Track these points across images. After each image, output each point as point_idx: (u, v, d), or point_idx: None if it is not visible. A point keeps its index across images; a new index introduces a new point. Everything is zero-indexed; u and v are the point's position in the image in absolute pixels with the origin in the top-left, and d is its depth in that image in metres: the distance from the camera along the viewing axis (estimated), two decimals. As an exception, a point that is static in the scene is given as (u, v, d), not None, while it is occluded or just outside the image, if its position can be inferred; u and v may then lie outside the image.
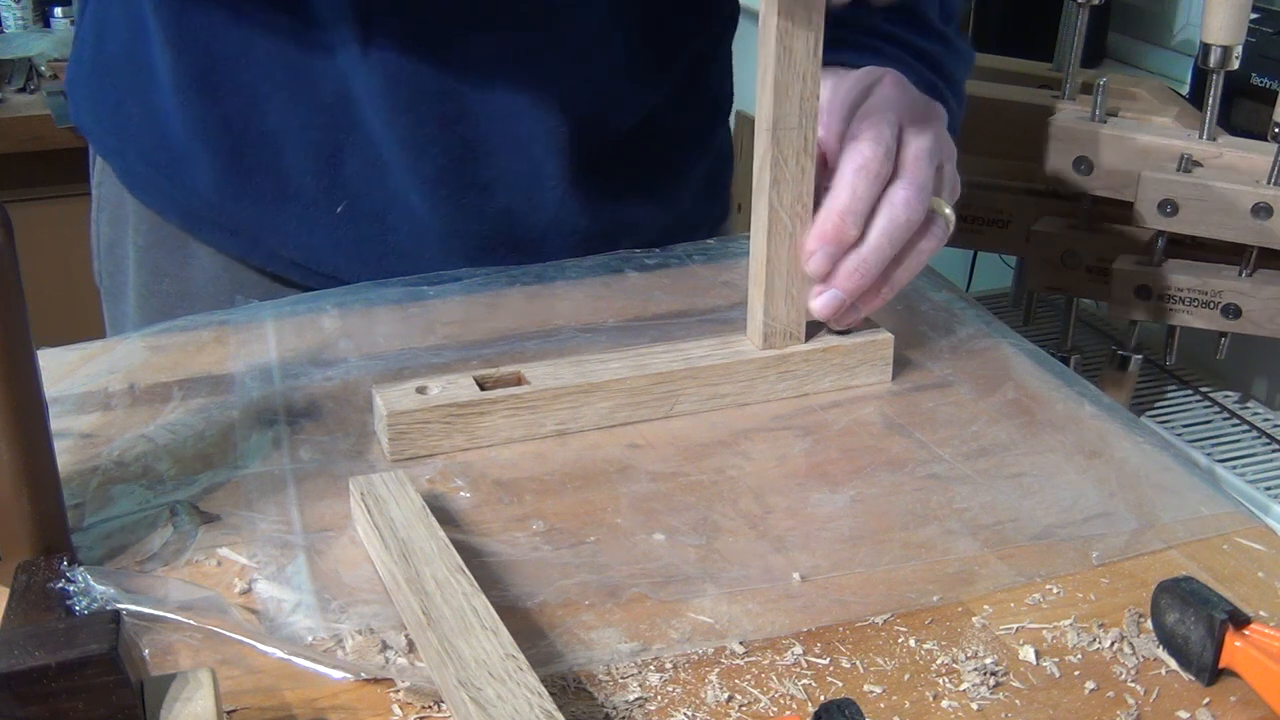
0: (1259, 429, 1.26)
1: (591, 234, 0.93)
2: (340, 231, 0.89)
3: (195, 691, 0.47)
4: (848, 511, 0.66)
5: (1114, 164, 1.17)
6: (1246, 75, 1.24)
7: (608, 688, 0.54)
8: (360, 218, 0.89)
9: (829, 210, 0.71)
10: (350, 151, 0.87)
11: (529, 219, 0.91)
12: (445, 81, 0.85)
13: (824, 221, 0.71)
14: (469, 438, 0.69)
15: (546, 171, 0.89)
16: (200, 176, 0.89)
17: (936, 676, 0.55)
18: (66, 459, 0.65)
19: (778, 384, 0.75)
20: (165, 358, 0.77)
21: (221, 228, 0.90)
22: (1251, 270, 1.14)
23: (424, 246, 0.90)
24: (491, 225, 0.90)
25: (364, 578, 0.60)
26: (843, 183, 0.71)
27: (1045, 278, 1.26)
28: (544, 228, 0.91)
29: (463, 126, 0.86)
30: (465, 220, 0.89)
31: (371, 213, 0.89)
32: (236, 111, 0.87)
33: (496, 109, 0.86)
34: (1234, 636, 0.54)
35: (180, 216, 0.91)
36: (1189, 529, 0.65)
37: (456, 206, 0.89)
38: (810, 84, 0.69)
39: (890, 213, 0.72)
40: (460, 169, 0.87)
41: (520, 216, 0.90)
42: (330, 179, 0.88)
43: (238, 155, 0.88)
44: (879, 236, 0.72)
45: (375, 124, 0.86)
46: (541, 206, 0.90)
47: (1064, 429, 0.73)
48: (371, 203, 0.89)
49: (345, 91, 0.85)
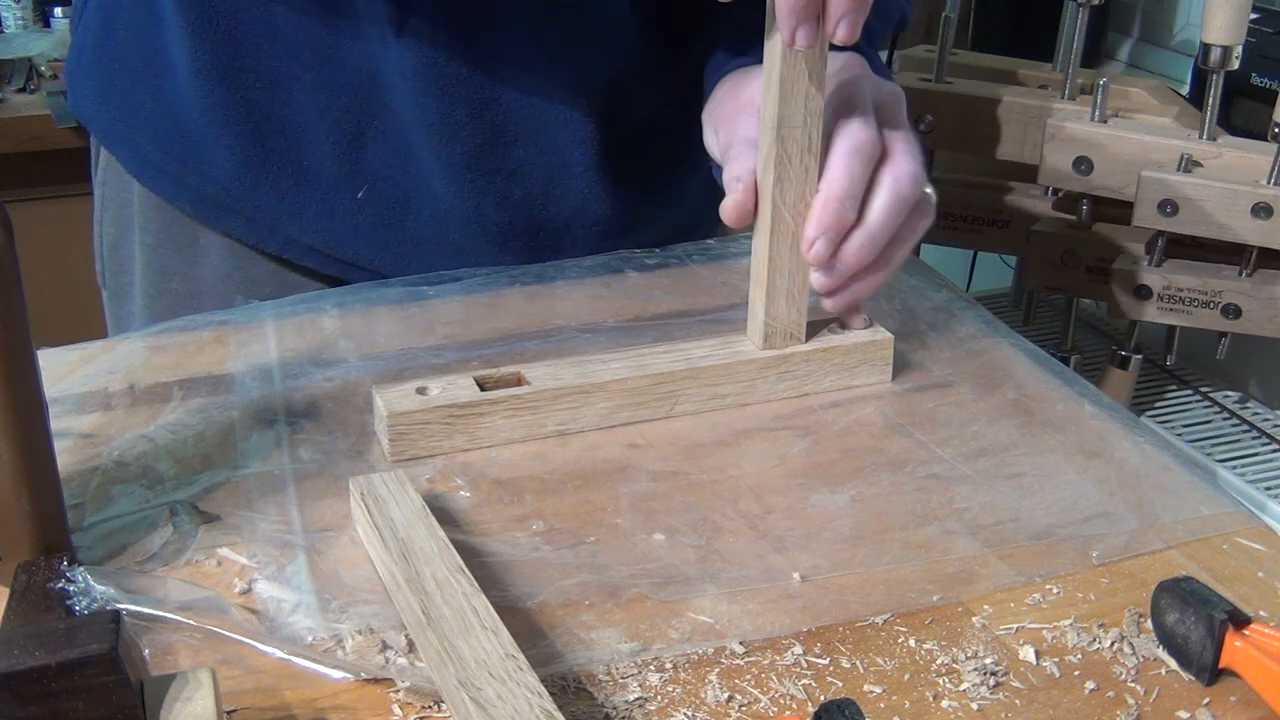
0: (1259, 429, 1.26)
1: (612, 226, 0.93)
2: (360, 216, 0.90)
3: (195, 691, 0.47)
4: (848, 511, 0.66)
5: (1114, 164, 1.17)
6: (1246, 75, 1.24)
7: (608, 688, 0.54)
8: (381, 203, 0.90)
9: (828, 196, 0.70)
10: (374, 136, 0.88)
11: (552, 208, 0.91)
12: (477, 66, 0.85)
13: (824, 208, 0.70)
14: (469, 438, 0.69)
15: (572, 159, 0.89)
16: (217, 161, 0.89)
17: (936, 676, 0.55)
18: (66, 459, 0.65)
19: (778, 384, 0.75)
20: (165, 358, 0.77)
21: (237, 214, 0.91)
22: (1251, 270, 1.14)
23: (445, 233, 0.91)
24: (514, 213, 0.90)
25: (364, 578, 0.60)
26: (839, 166, 0.70)
27: (1045, 278, 1.26)
28: (567, 217, 0.92)
29: (492, 112, 0.86)
30: (489, 207, 0.90)
31: (393, 198, 0.90)
32: (260, 95, 0.87)
33: (525, 95, 0.87)
34: (1234, 636, 0.54)
35: (194, 204, 0.91)
36: (1189, 529, 0.65)
37: (481, 192, 0.89)
38: (815, 83, 0.68)
39: (895, 189, 0.71)
40: (488, 154, 0.88)
41: (543, 205, 0.91)
42: (352, 163, 0.88)
43: (258, 139, 0.88)
44: (884, 213, 0.71)
45: (403, 108, 0.86)
46: (565, 196, 0.91)
47: (1064, 429, 0.73)
48: (393, 187, 0.89)
49: (373, 74, 0.86)
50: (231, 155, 0.88)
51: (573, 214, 0.92)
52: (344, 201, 0.89)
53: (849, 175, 0.70)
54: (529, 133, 0.88)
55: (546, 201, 0.91)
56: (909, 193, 0.72)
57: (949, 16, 1.28)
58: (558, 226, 0.92)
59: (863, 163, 0.71)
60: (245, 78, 0.86)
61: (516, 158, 0.89)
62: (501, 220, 0.90)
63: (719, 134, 0.79)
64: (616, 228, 0.93)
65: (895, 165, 0.72)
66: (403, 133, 0.87)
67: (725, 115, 0.79)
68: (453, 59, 0.84)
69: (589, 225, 0.92)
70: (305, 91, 0.86)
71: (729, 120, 0.78)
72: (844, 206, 0.70)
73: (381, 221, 0.90)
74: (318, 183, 0.89)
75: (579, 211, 0.92)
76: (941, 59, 1.28)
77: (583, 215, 0.92)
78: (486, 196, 0.89)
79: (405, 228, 0.90)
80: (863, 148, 0.70)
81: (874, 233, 0.71)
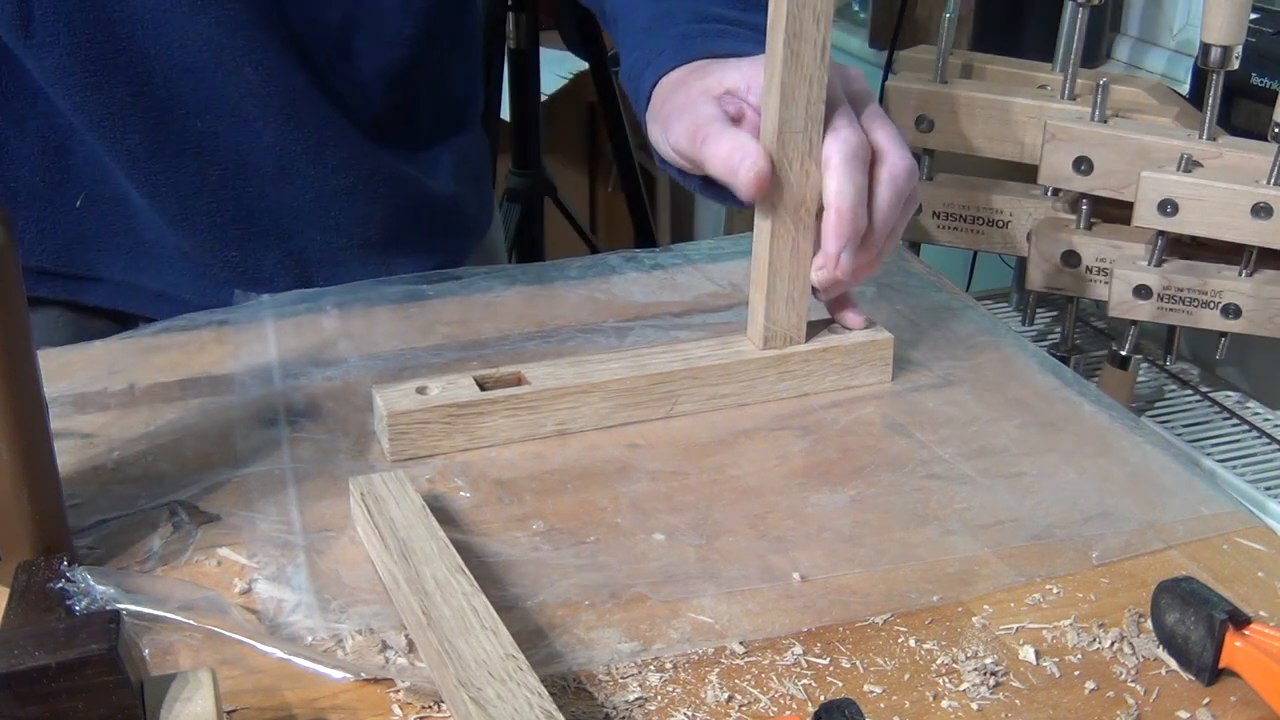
0: (1259, 429, 1.26)
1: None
2: (84, 225, 0.86)
3: (195, 691, 0.47)
4: (848, 511, 0.66)
5: (1114, 164, 1.17)
6: (1246, 75, 1.24)
7: (608, 688, 0.54)
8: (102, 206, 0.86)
9: (840, 210, 0.69)
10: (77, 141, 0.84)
11: (253, 184, 0.88)
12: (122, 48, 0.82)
13: (840, 222, 0.70)
14: (469, 438, 0.69)
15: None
16: None
17: (936, 676, 0.55)
18: (66, 459, 0.65)
19: (778, 384, 0.75)
20: (165, 358, 0.77)
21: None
22: (1251, 270, 1.14)
23: (166, 236, 0.88)
24: (213, 198, 0.87)
25: (364, 578, 0.60)
26: (843, 177, 0.70)
27: (1045, 278, 1.26)
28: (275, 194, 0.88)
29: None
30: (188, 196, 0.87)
31: (111, 199, 0.86)
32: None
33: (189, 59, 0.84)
34: (1234, 636, 0.54)
35: None
36: (1189, 529, 0.65)
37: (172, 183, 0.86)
38: (817, 88, 0.68)
39: (894, 186, 0.71)
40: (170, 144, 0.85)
41: (241, 181, 0.88)
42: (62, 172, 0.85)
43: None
44: (887, 213, 0.71)
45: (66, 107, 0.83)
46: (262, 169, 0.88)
47: (1064, 429, 0.73)
48: (109, 190, 0.86)
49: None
50: None
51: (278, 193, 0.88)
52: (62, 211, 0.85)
53: (854, 184, 0.70)
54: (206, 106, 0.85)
55: (244, 177, 0.87)
56: (905, 188, 0.72)
57: (949, 16, 1.28)
58: (270, 205, 0.88)
59: (861, 167, 0.71)
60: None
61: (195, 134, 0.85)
62: (208, 207, 0.87)
63: (674, 127, 0.74)
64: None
65: (890, 163, 0.72)
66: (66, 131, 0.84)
67: (677, 108, 0.75)
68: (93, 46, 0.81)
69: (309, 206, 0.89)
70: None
71: (684, 111, 0.74)
72: (858, 217, 0.70)
73: (108, 227, 0.87)
74: (32, 199, 0.85)
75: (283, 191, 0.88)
76: (942, 59, 1.28)
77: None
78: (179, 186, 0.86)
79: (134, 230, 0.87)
80: (858, 152, 0.70)
81: (880, 232, 0.72)
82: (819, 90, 0.69)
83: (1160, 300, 1.16)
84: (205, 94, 0.85)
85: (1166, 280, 1.16)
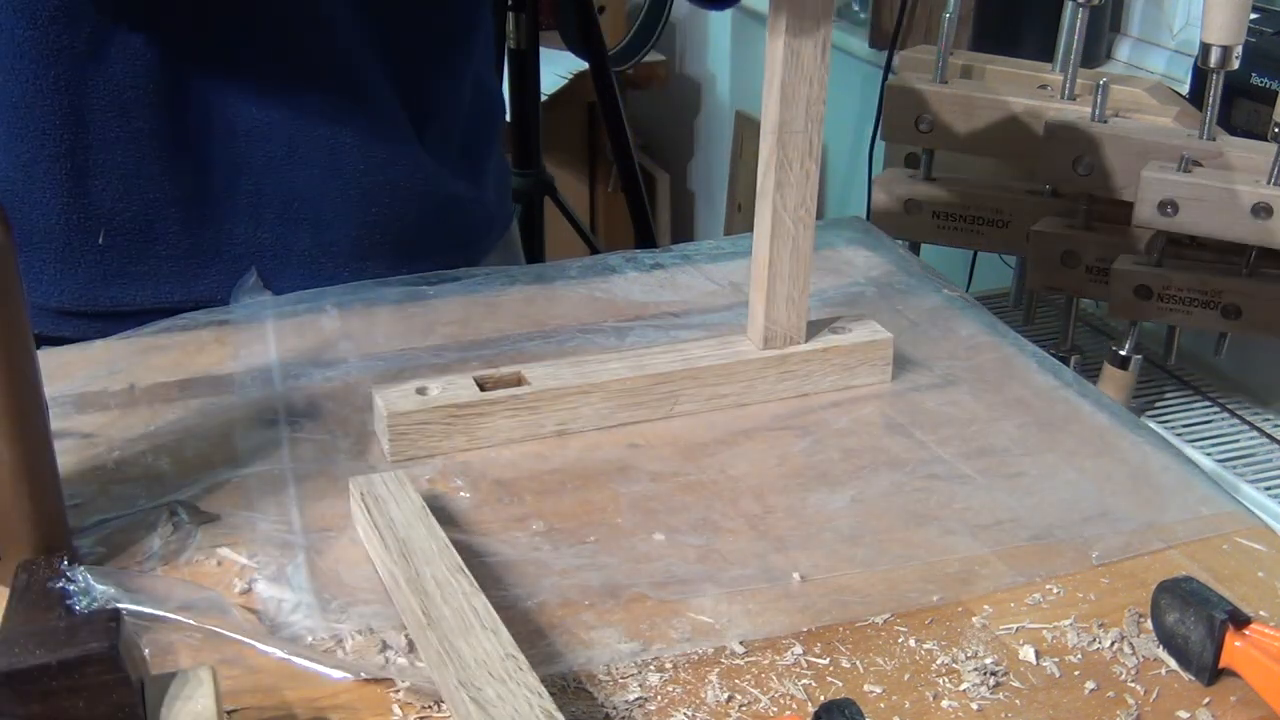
0: (1259, 429, 1.26)
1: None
2: (106, 263, 0.85)
3: (196, 690, 0.47)
4: (848, 511, 0.66)
5: (1114, 164, 1.17)
6: (1246, 75, 1.24)
7: (608, 688, 0.54)
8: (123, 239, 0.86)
9: None
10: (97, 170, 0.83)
11: (301, 171, 0.87)
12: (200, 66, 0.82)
13: None
14: (469, 438, 0.69)
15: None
16: None
17: (936, 676, 0.55)
18: (66, 459, 0.65)
19: (778, 384, 0.75)
20: (165, 358, 0.77)
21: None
22: (1251, 270, 1.14)
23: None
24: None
25: (364, 578, 0.60)
26: None
27: (1045, 278, 1.26)
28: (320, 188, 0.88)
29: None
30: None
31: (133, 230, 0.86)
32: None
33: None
34: (1234, 636, 0.54)
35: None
36: (1189, 529, 0.65)
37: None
38: (817, 88, 0.69)
39: None
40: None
41: (289, 168, 0.87)
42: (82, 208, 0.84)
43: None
44: None
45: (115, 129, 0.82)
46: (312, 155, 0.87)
47: (1064, 429, 0.73)
48: (130, 221, 0.85)
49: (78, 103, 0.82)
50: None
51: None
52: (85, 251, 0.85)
53: None
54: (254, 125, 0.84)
55: (292, 164, 0.86)
56: None
57: (949, 16, 1.28)
58: (314, 194, 0.88)
59: None
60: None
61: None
62: (252, 187, 0.86)
63: None
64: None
65: None
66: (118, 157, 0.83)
67: None
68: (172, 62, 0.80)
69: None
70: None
71: None
72: None
73: (129, 258, 0.86)
74: (50, 239, 0.84)
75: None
76: (941, 59, 1.28)
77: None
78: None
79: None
80: None
81: None
82: (819, 90, 0.69)
83: (1160, 300, 1.16)
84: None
85: (1166, 280, 1.16)
